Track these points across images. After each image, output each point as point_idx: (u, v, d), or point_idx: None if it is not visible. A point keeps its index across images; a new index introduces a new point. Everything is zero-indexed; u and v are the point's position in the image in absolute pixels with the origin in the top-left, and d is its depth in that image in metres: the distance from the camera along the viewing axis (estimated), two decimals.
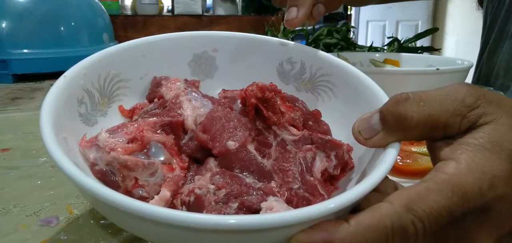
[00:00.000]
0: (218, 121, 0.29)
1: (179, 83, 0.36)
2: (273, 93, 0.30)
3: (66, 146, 0.26)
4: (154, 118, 0.31)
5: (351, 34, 1.16)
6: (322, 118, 0.35)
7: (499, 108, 0.23)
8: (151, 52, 0.38)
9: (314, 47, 0.99)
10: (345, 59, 0.77)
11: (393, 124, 0.25)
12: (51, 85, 0.37)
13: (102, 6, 1.22)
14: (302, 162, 0.29)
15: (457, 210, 0.21)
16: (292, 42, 0.39)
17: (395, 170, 0.40)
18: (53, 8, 1.01)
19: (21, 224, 0.32)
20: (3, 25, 0.92)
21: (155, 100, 0.36)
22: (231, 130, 0.29)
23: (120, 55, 0.36)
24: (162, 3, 1.98)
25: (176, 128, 0.30)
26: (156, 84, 0.37)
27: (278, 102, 0.31)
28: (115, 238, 0.30)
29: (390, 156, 0.25)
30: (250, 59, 0.38)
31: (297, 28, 1.22)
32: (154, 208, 0.20)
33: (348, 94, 0.35)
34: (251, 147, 0.29)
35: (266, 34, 1.10)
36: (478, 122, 0.23)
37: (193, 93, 0.34)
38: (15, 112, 0.67)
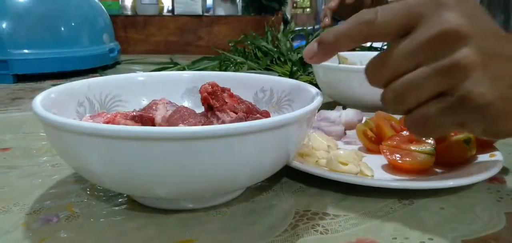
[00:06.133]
0: (177, 113, 0.36)
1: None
2: (220, 88, 0.38)
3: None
4: (129, 112, 0.37)
5: None
6: None
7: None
8: (151, 84, 0.46)
9: None
10: (345, 59, 0.77)
11: None
12: (52, 85, 0.39)
13: (102, 6, 1.23)
14: None
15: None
16: (264, 75, 0.48)
17: (395, 168, 0.41)
18: (53, 8, 1.01)
19: (21, 222, 0.32)
20: (3, 25, 0.92)
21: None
22: (186, 118, 0.35)
23: (123, 82, 0.44)
24: (162, 3, 1.98)
25: (145, 120, 0.36)
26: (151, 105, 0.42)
27: (225, 95, 0.38)
28: (114, 235, 0.30)
29: None
30: (233, 91, 0.43)
31: (296, 28, 1.22)
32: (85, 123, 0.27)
33: (300, 104, 0.39)
34: None
35: (266, 34, 1.10)
36: None
37: (171, 103, 0.40)
38: (16, 112, 0.68)
